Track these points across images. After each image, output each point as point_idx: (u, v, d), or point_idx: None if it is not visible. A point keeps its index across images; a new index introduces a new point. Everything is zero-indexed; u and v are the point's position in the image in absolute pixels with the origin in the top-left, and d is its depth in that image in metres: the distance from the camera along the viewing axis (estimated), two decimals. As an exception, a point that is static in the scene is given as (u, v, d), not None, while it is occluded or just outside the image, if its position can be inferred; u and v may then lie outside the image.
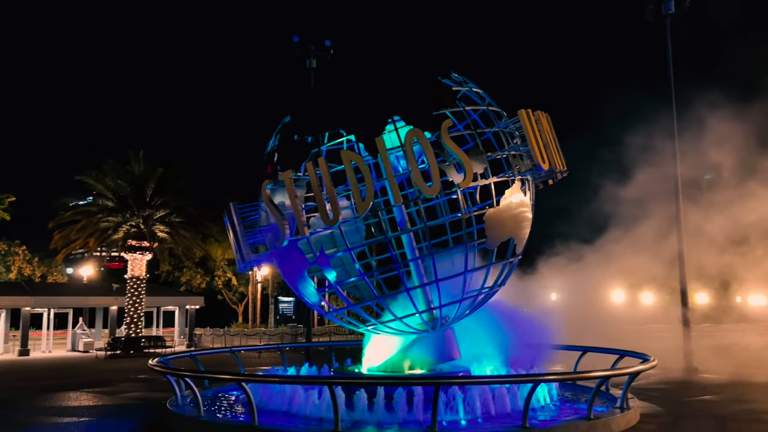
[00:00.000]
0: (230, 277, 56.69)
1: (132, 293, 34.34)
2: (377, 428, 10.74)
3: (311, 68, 26.79)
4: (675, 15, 22.32)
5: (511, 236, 13.04)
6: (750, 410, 13.07)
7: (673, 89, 22.06)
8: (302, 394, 11.93)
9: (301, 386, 11.97)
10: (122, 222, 33.87)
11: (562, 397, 13.61)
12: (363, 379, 12.63)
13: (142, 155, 34.76)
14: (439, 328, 13.77)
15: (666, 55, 22.28)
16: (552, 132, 13.66)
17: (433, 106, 13.62)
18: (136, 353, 32.63)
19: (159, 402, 15.72)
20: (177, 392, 12.95)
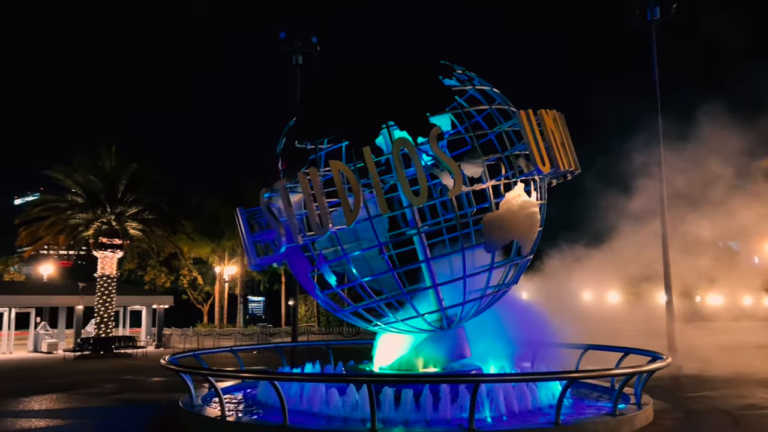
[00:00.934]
0: (196, 276, 55.66)
1: (102, 292, 33.30)
2: (405, 427, 10.69)
3: (297, 65, 26.47)
4: (660, 21, 22.92)
5: (514, 239, 12.88)
6: (752, 405, 13.52)
7: (658, 94, 22.65)
8: (324, 394, 11.77)
9: (324, 385, 11.79)
10: (93, 219, 32.84)
11: (572, 395, 13.79)
12: (404, 377, 12.49)
13: (115, 150, 33.79)
14: (451, 326, 13.82)
15: (652, 60, 22.86)
16: (561, 131, 13.49)
17: (429, 111, 13.62)
18: (106, 354, 31.69)
19: (158, 402, 15.37)
20: (192, 392, 12.61)
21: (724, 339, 27.42)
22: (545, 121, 13.11)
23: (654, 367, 11.74)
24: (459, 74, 14.04)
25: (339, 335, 41.67)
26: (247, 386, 15.32)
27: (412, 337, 14.17)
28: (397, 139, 12.02)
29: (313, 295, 14.36)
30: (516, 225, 12.53)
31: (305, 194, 11.94)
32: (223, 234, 49.65)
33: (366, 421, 10.97)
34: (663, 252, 22.00)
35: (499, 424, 10.75)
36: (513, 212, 12.52)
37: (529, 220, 12.89)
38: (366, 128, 13.30)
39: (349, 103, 13.28)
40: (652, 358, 13.59)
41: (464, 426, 10.46)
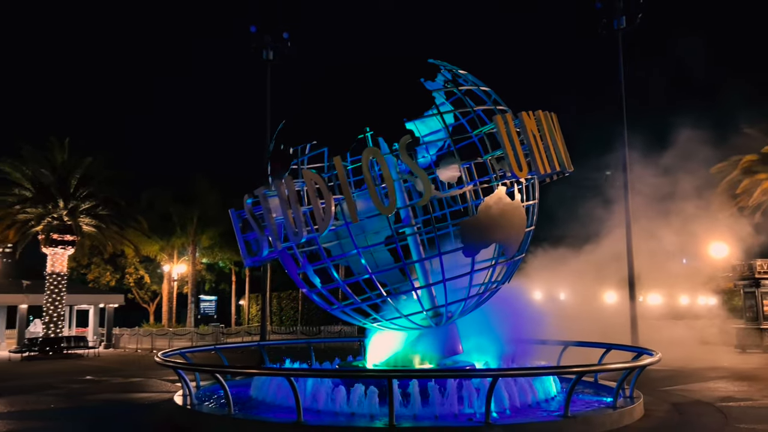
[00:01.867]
0: (142, 275, 54.03)
1: (51, 290, 31.92)
2: (414, 420, 10.76)
3: (268, 60, 26.14)
4: (626, 30, 23.79)
5: (494, 242, 12.90)
6: (729, 397, 14.26)
7: (624, 102, 23.49)
8: (329, 390, 11.69)
9: (330, 381, 11.71)
10: (45, 214, 31.41)
11: (563, 390, 14.16)
12: (426, 372, 12.48)
13: (68, 143, 32.44)
14: (444, 323, 13.97)
15: (618, 69, 23.70)
16: (548, 133, 13.34)
17: (407, 116, 13.70)
18: (55, 355, 30.39)
19: (144, 402, 14.90)
20: (191, 390, 12.31)
21: (673, 335, 28.63)
22: (525, 123, 12.93)
23: (652, 360, 12.21)
24: (446, 73, 14.12)
25: (303, 335, 41.31)
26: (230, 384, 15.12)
27: (404, 334, 14.29)
28: (366, 150, 12.10)
29: (306, 291, 14.30)
30: (495, 228, 12.45)
31: (281, 201, 12.28)
32: (174, 231, 48.43)
33: (374, 416, 11.06)
34: (627, 254, 22.82)
35: (508, 418, 10.92)
36: (491, 216, 12.41)
37: (511, 223, 12.76)
38: (343, 135, 13.40)
39: (331, 109, 13.41)
40: (638, 354, 14.12)
41: (474, 419, 10.65)
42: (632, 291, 22.85)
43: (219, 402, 12.91)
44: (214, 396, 13.74)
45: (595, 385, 14.47)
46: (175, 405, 12.33)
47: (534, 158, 12.81)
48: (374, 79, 12.27)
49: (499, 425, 10.13)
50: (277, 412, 11.74)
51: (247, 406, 12.43)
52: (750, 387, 16.01)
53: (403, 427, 10.11)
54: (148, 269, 54.46)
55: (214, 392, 14.27)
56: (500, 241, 12.83)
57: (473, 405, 11.32)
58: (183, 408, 11.97)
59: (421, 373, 12.20)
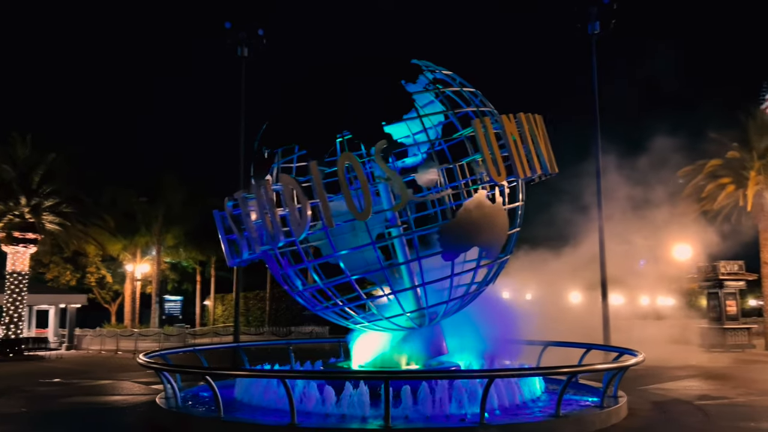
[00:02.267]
0: (104, 275, 52.66)
1: (12, 290, 30.86)
2: (407, 422, 10.71)
3: (243, 57, 25.77)
4: (600, 35, 24.19)
5: (474, 245, 12.74)
6: (705, 395, 14.64)
7: (597, 107, 23.87)
8: (318, 392, 11.57)
9: (320, 383, 11.59)
10: (5, 211, 30.34)
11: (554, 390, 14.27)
12: (418, 374, 12.47)
13: (30, 138, 31.40)
14: (428, 324, 13.98)
15: (592, 74, 24.07)
16: (529, 135, 13.19)
17: (385, 120, 13.59)
18: (15, 356, 29.44)
19: (123, 405, 14.53)
20: (177, 392, 12.03)
21: (642, 335, 29.27)
22: (505, 127, 12.78)
23: (637, 360, 12.40)
24: (428, 74, 14.05)
25: (273, 335, 40.85)
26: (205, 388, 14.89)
27: (389, 335, 14.25)
28: (342, 155, 12.09)
29: (290, 292, 14.20)
30: (475, 232, 12.37)
31: (259, 205, 12.35)
32: (138, 230, 47.36)
33: (366, 418, 11.00)
34: (600, 257, 23.19)
35: (499, 418, 10.95)
36: (471, 220, 12.32)
37: (492, 227, 12.64)
38: (321, 140, 13.32)
39: (309, 113, 13.36)
40: (620, 354, 14.37)
41: (466, 420, 10.67)
42: (605, 292, 23.23)
43: (203, 404, 12.67)
44: (197, 398, 13.47)
45: (575, 385, 14.63)
46: (158, 408, 12.02)
47: (513, 162, 12.71)
48: (356, 80, 12.22)
49: (495, 425, 10.15)
50: (266, 414, 11.56)
51: (232, 409, 12.21)
52: (722, 386, 16.45)
53: (399, 428, 10.05)
54: (110, 268, 53.11)
55: (196, 394, 14.00)
56: (481, 244, 12.76)
57: (464, 405, 11.32)
58: (169, 411, 11.69)
59: (418, 374, 12.18)
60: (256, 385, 12.72)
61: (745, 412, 12.53)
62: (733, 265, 29.03)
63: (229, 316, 55.41)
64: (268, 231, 12.23)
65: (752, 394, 14.84)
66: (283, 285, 14.15)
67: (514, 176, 12.46)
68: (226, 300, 56.58)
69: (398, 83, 13.94)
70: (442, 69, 14.09)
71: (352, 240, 13.91)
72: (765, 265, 29.21)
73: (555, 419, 10.53)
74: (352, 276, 12.81)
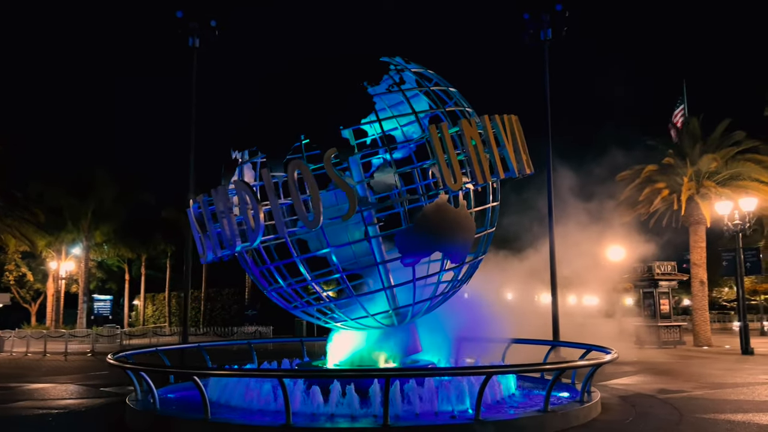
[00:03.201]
0: (24, 272, 49.79)
1: (-70, 289, 28.70)
2: (397, 420, 10.59)
3: (194, 48, 24.91)
4: (552, 42, 24.86)
5: (435, 251, 12.54)
6: (663, 389, 15.31)
7: (549, 114, 24.50)
8: (302, 391, 11.34)
9: (303, 382, 11.40)
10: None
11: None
12: (419, 371, 12.49)
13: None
14: (405, 322, 13.97)
15: (544, 81, 24.71)
16: (499, 137, 12.83)
17: (343, 124, 13.29)
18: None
19: (86, 408, 13.76)
20: (155, 394, 11.51)
21: (583, 332, 30.32)
22: (465, 131, 12.36)
23: (611, 358, 12.74)
24: (393, 74, 13.90)
25: (217, 336, 39.65)
26: (176, 388, 14.37)
27: (363, 334, 14.16)
28: (292, 162, 11.80)
29: (264, 290, 13.90)
30: (434, 237, 12.10)
31: (217, 210, 12.35)
32: (64, 226, 45.03)
33: (355, 417, 10.87)
34: (550, 257, 23.84)
35: (487, 415, 10.99)
36: (429, 225, 12.12)
37: (454, 232, 12.33)
38: (278, 144, 13.02)
39: (271, 114, 13.10)
40: (587, 350, 14.84)
41: (458, 417, 10.74)
42: (554, 291, 23.91)
43: (174, 406, 12.19)
44: (165, 401, 12.90)
45: (543, 381, 14.97)
46: (134, 410, 11.42)
47: (473, 168, 12.41)
48: (320, 78, 11.86)
49: (491, 422, 10.24)
50: (248, 415, 11.22)
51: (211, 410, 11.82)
52: (674, 380, 17.28)
53: (399, 426, 9.98)
54: (31, 266, 50.30)
55: (163, 396, 13.42)
56: (442, 250, 12.50)
57: (451, 402, 11.37)
58: (147, 412, 11.13)
59: (417, 372, 12.19)
60: (236, 385, 12.37)
61: (709, 405, 13.13)
62: (667, 266, 30.60)
63: (160, 316, 53.63)
64: (226, 236, 12.29)
65: (706, 388, 15.64)
66: (261, 281, 13.77)
67: (473, 181, 12.37)
68: (157, 300, 54.71)
69: (361, 84, 13.66)
70: (405, 68, 13.79)
71: (342, 234, 13.75)
72: (694, 266, 30.95)
73: (544, 414, 10.73)
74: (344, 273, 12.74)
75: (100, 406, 14.01)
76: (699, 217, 30.35)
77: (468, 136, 12.27)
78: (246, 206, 11.72)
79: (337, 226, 14.37)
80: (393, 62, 13.74)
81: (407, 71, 13.68)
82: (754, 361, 22.98)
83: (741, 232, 25.93)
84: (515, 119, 14.00)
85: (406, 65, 13.78)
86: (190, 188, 24.27)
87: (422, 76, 13.81)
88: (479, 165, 12.41)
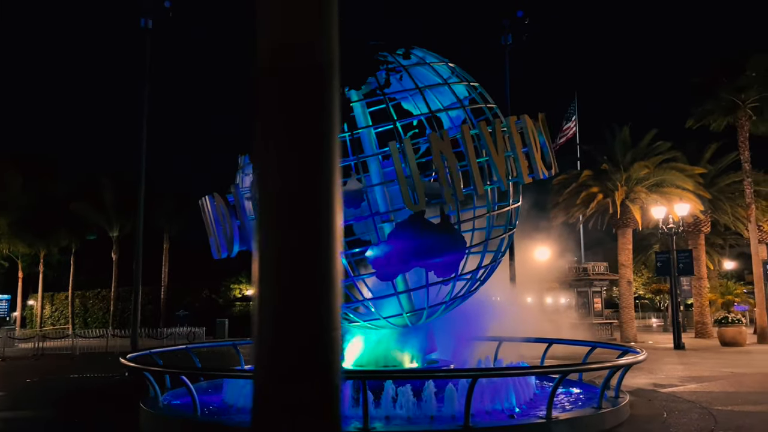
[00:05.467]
0: None
1: None
2: (431, 423, 10.40)
3: (147, 29, 23.24)
4: (512, 47, 25.53)
5: (411, 268, 12.09)
6: (652, 383, 16.06)
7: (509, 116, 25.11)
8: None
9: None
10: None
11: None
12: (448, 372, 12.22)
13: None
14: (422, 322, 13.76)
15: (505, 83, 25.33)
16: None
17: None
18: None
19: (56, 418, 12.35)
20: (159, 396, 10.69)
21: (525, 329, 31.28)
22: (434, 144, 11.22)
23: (639, 359, 12.86)
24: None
25: (148, 338, 36.91)
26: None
27: (379, 333, 13.78)
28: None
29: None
30: (409, 255, 11.58)
31: (204, 218, 12.58)
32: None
33: (411, 419, 10.58)
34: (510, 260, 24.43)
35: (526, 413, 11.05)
36: (402, 242, 11.56)
37: (430, 248, 11.61)
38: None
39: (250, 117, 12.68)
40: (592, 347, 15.26)
41: (515, 415, 10.69)
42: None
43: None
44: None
45: (550, 379, 15.12)
46: (151, 413, 10.44)
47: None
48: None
49: (562, 420, 10.26)
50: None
51: (227, 413, 11.21)
52: (650, 375, 18.19)
53: (478, 427, 9.73)
54: None
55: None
56: (423, 265, 12.01)
57: (497, 401, 11.26)
58: (161, 416, 10.20)
59: (458, 373, 11.89)
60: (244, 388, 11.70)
61: (706, 397, 13.96)
62: (600, 266, 32.32)
63: (60, 317, 49.58)
64: (216, 243, 12.43)
65: (692, 382, 16.62)
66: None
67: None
68: (56, 299, 50.50)
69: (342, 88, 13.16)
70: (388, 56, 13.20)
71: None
72: (622, 266, 32.87)
73: (599, 412, 10.87)
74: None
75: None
76: (627, 220, 32.29)
77: (437, 150, 11.15)
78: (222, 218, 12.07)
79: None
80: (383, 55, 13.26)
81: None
82: (688, 355, 24.68)
83: (675, 234, 27.86)
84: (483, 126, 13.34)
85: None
86: (141, 177, 22.72)
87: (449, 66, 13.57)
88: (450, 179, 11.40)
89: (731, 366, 20.16)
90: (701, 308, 34.10)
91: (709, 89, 31.32)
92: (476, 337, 16.26)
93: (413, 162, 10.93)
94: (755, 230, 31.43)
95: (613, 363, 11.57)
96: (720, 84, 31.04)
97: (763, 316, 30.61)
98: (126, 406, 12.50)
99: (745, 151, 31.26)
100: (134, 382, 18.97)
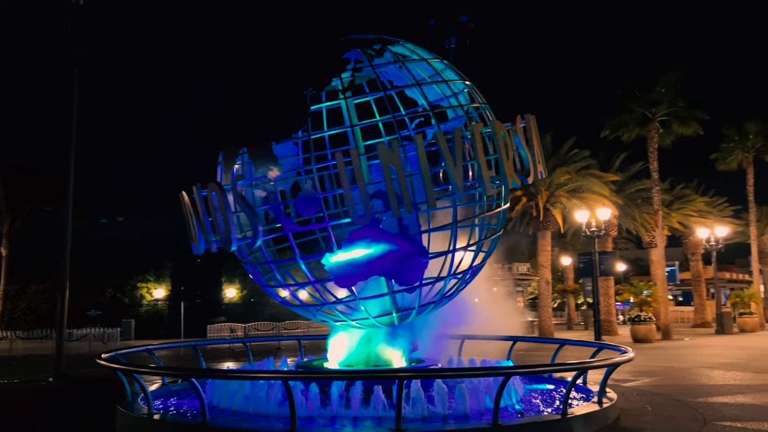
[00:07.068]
0: None
1: None
2: (424, 423, 10.28)
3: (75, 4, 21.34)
4: (456, 50, 25.94)
5: (371, 276, 11.82)
6: (623, 379, 16.77)
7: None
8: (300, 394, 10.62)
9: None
10: None
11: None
12: (441, 372, 12.35)
13: None
14: (406, 321, 13.62)
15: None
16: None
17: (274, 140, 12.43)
18: None
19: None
20: (150, 398, 10.11)
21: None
22: (382, 156, 10.75)
23: (627, 357, 13.19)
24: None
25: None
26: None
27: (365, 332, 13.51)
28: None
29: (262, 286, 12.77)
30: (366, 263, 11.42)
31: (185, 213, 12.02)
32: None
33: (357, 419, 10.48)
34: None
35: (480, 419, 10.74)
36: (357, 251, 11.45)
37: (388, 257, 11.40)
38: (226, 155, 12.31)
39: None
40: (561, 345, 15.72)
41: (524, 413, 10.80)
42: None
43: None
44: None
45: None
46: (131, 417, 9.73)
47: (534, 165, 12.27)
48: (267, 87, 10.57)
49: (579, 416, 10.45)
50: (255, 421, 10.53)
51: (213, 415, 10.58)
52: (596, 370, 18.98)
53: (506, 425, 9.69)
54: None
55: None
56: (386, 274, 11.70)
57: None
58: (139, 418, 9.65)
59: (456, 372, 11.87)
60: (239, 388, 11.32)
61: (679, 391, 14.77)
62: (523, 267, 33.56)
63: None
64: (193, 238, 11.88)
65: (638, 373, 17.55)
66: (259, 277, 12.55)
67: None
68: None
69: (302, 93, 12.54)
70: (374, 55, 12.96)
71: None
72: (541, 267, 34.33)
73: (608, 407, 11.23)
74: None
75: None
76: (548, 223, 33.78)
77: (385, 164, 10.75)
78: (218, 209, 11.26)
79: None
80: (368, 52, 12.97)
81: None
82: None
83: (596, 237, 29.45)
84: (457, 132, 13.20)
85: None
86: (70, 174, 21.09)
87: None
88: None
89: (663, 361, 21.52)
90: (608, 307, 36.31)
91: (625, 102, 33.41)
92: (449, 335, 16.33)
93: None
94: (662, 235, 33.89)
95: (614, 360, 11.92)
96: (633, 97, 33.20)
97: (667, 314, 33.05)
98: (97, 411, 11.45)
99: (654, 161, 33.57)
100: (59, 387, 17.67)
